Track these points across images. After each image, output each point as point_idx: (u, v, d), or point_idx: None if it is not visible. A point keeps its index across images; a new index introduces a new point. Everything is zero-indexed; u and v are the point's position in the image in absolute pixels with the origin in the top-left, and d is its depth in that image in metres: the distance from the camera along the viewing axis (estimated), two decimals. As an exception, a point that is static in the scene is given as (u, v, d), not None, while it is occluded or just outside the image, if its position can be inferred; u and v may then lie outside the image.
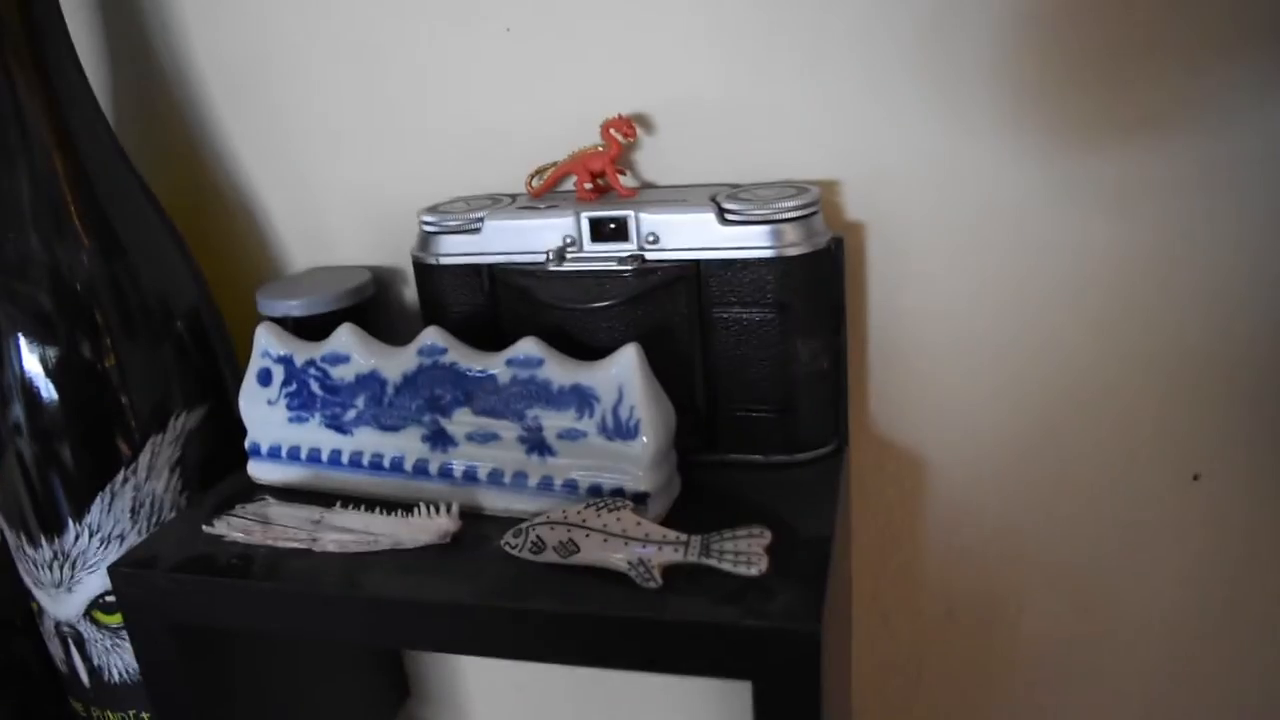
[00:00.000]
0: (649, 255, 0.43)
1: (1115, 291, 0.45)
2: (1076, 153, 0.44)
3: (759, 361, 0.43)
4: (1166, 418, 0.47)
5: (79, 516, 0.47)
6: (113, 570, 0.42)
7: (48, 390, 0.46)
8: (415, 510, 0.41)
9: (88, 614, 0.49)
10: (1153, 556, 0.49)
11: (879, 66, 0.44)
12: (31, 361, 0.46)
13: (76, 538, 0.48)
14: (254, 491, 0.46)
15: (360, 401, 0.44)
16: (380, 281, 0.52)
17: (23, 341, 0.46)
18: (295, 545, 0.41)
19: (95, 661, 0.50)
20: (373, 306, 0.51)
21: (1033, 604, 0.52)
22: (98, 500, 0.47)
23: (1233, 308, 0.44)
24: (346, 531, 0.41)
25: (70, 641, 0.50)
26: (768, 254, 0.41)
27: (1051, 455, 0.49)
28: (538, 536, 0.38)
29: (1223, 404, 0.46)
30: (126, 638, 0.49)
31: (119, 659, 0.50)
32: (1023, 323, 0.47)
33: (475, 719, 0.65)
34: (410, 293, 0.54)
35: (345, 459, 0.45)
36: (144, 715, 0.51)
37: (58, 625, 0.50)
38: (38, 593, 0.50)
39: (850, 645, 0.53)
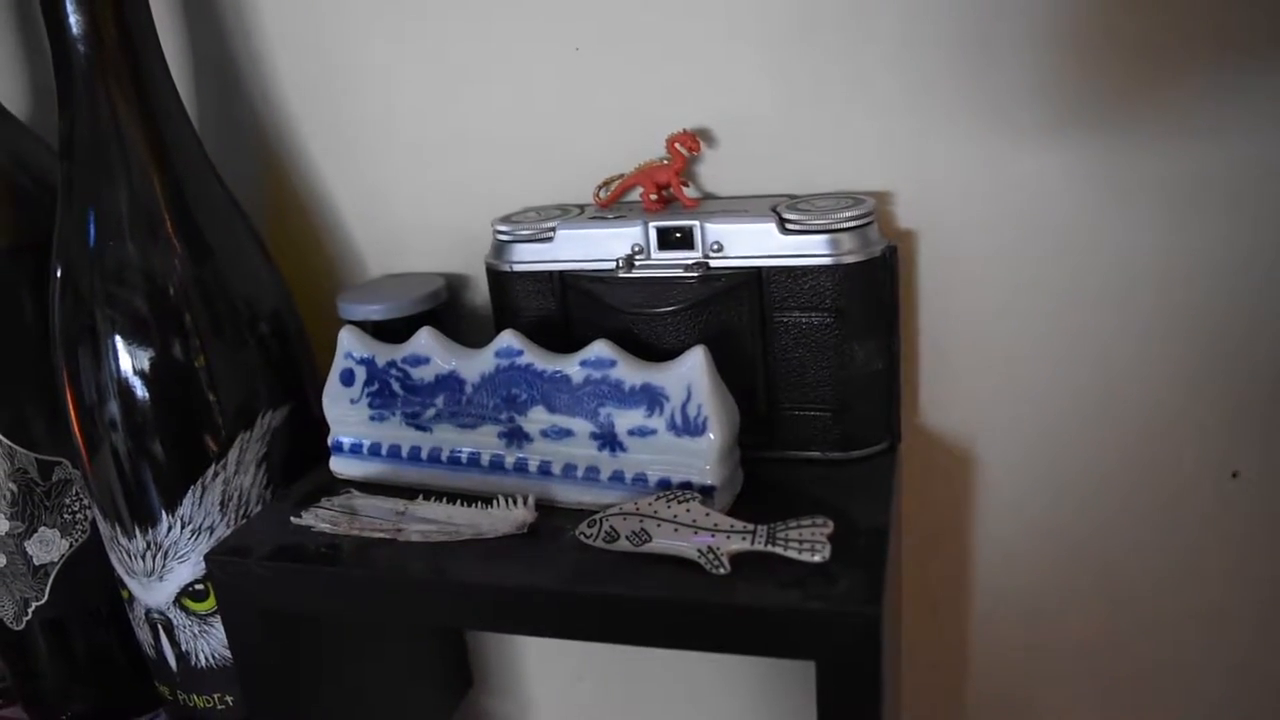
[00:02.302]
0: (713, 263, 0.45)
1: (1158, 294, 0.47)
2: (1121, 160, 0.45)
3: (817, 363, 0.45)
4: (1207, 417, 0.49)
5: (171, 509, 0.50)
6: (209, 558, 0.45)
7: (142, 389, 0.49)
8: (494, 502, 0.43)
9: (177, 601, 0.52)
10: (1194, 553, 0.51)
11: (927, 80, 0.46)
12: (127, 361, 0.49)
13: (169, 529, 0.50)
14: (335, 486, 0.49)
15: (439, 400, 0.46)
16: (450, 287, 0.55)
17: (119, 342, 0.49)
18: (380, 535, 0.44)
19: (183, 647, 0.53)
20: (445, 311, 0.53)
21: (1077, 600, 0.53)
22: (189, 493, 0.50)
23: (1272, 308, 0.46)
24: (429, 522, 0.44)
25: (160, 628, 0.53)
26: (826, 261, 0.44)
27: (1095, 453, 0.51)
28: (611, 526, 0.40)
29: (1262, 403, 0.47)
30: (214, 624, 0.52)
31: (205, 644, 0.53)
32: (1068, 325, 0.49)
33: (536, 708, 0.67)
34: (478, 298, 0.57)
35: (424, 455, 0.47)
36: (228, 698, 0.54)
37: (148, 612, 0.53)
38: (129, 581, 0.53)
39: (901, 634, 0.55)
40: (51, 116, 0.49)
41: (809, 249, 0.44)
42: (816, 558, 0.37)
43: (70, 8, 0.46)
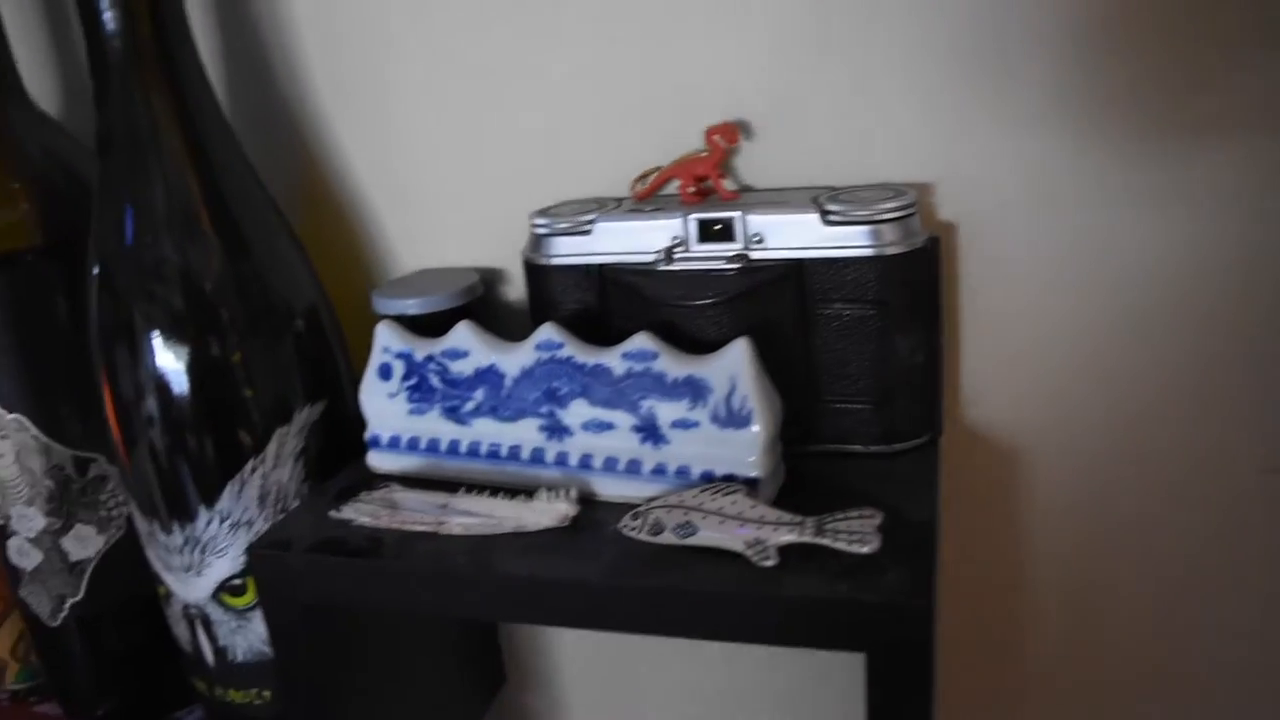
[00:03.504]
0: (754, 254, 0.45)
1: (1199, 289, 0.47)
2: (1162, 155, 0.45)
3: (859, 356, 0.45)
4: (1249, 411, 0.48)
5: (209, 504, 0.50)
6: (251, 551, 0.45)
7: (179, 385, 0.49)
8: (536, 495, 0.43)
9: (215, 596, 0.52)
10: (1237, 547, 0.51)
11: (968, 72, 0.46)
12: (165, 358, 0.49)
13: (207, 524, 0.50)
14: (372, 481, 0.49)
15: (479, 394, 0.46)
16: (485, 282, 0.55)
17: (157, 339, 0.49)
18: (422, 529, 0.44)
19: (221, 642, 0.53)
20: (481, 306, 0.53)
21: (1120, 594, 0.53)
22: (228, 488, 0.50)
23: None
24: (471, 515, 0.44)
25: (197, 623, 0.53)
26: (868, 253, 0.44)
27: (1135, 448, 0.50)
28: (656, 519, 0.40)
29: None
30: (251, 619, 0.52)
31: (243, 639, 0.53)
32: (1108, 320, 0.48)
33: (569, 704, 0.67)
34: (512, 292, 0.57)
35: (463, 449, 0.47)
36: (265, 693, 0.54)
37: (185, 608, 0.53)
38: (167, 577, 0.53)
39: (941, 632, 0.55)
40: (85, 114, 0.49)
41: (851, 240, 0.44)
42: (866, 549, 0.37)
43: (105, 5, 0.46)
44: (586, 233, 0.47)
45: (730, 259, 0.45)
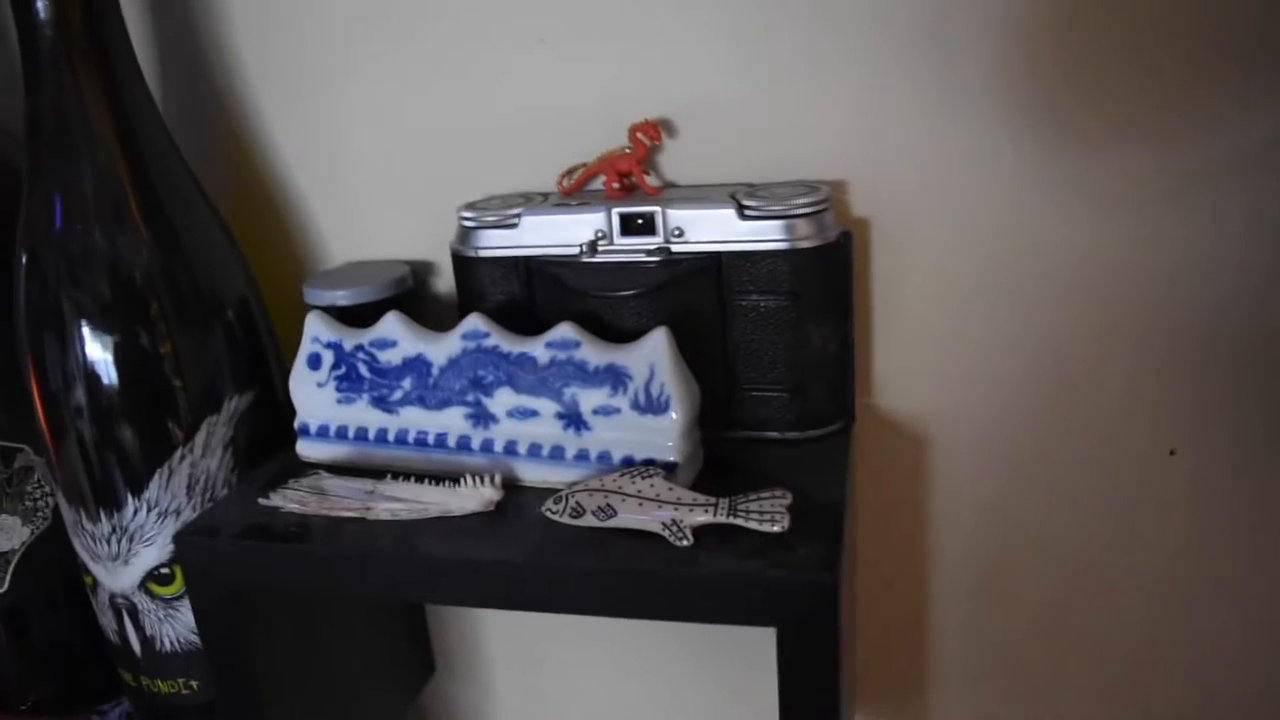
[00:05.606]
0: (674, 248, 0.47)
1: (1102, 284, 0.49)
2: (1067, 154, 0.47)
3: (774, 345, 0.47)
4: (1142, 396, 0.51)
5: (137, 493, 0.50)
6: (178, 538, 0.45)
7: (108, 375, 0.49)
8: (462, 481, 0.44)
9: (142, 585, 0.52)
10: (1138, 529, 0.53)
11: (885, 73, 0.48)
12: (93, 347, 0.49)
13: (135, 512, 0.51)
14: (302, 469, 0.49)
15: (406, 383, 0.47)
16: (415, 274, 0.56)
17: (85, 328, 0.49)
18: (349, 514, 0.45)
19: (148, 632, 0.53)
20: (410, 297, 0.54)
21: (1027, 573, 0.55)
22: (156, 477, 0.50)
23: (1204, 300, 0.48)
24: (398, 501, 0.45)
25: (124, 613, 0.53)
26: (783, 246, 0.45)
27: (1042, 434, 0.52)
28: (577, 502, 0.41)
29: (1195, 381, 0.50)
30: (179, 608, 0.53)
31: (170, 629, 0.53)
32: (1014, 311, 0.50)
33: (497, 693, 0.68)
34: (441, 284, 0.58)
35: (391, 437, 0.48)
36: (193, 683, 0.54)
37: (112, 597, 0.53)
38: (94, 566, 0.53)
39: (856, 610, 0.57)
40: (15, 101, 0.49)
41: (766, 234, 0.45)
42: (776, 528, 0.39)
43: (38, -10, 0.47)
44: (513, 226, 0.49)
45: (651, 252, 0.47)
